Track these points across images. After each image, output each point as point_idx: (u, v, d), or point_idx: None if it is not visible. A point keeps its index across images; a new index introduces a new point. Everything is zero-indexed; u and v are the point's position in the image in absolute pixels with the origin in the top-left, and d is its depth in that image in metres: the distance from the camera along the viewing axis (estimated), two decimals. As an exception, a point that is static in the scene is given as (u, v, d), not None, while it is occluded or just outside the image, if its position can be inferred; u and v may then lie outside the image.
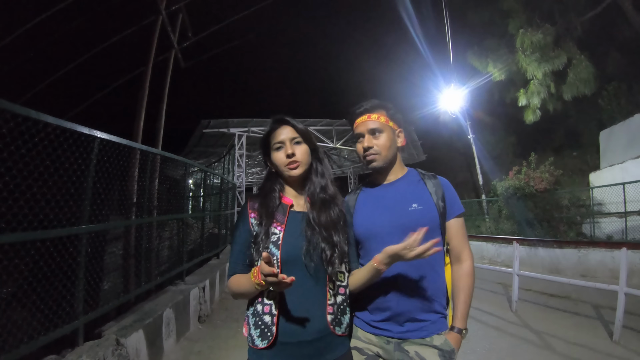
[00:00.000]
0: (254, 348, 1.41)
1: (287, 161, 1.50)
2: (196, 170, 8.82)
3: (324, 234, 1.46)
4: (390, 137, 1.64)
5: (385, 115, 1.65)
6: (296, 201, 1.55)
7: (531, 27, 13.77)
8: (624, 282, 4.37)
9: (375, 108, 1.65)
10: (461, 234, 1.65)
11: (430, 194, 1.61)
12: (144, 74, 6.83)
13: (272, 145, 1.53)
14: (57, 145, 2.86)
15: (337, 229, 1.50)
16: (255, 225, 1.48)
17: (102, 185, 3.51)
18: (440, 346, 1.50)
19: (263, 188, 1.59)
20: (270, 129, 1.55)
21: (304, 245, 1.43)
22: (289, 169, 1.50)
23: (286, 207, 1.51)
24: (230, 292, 1.52)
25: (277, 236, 1.44)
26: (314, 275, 1.41)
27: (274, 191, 1.54)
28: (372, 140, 1.62)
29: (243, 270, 1.47)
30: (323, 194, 1.56)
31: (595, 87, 13.55)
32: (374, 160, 1.63)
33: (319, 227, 1.47)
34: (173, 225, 6.05)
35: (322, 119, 19.18)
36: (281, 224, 1.47)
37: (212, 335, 4.92)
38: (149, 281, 4.62)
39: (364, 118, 1.65)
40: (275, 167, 1.56)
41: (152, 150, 4.82)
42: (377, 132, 1.62)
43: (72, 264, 3.08)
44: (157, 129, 7.29)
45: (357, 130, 1.67)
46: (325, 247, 1.44)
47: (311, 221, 1.49)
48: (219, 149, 20.02)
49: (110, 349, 3.02)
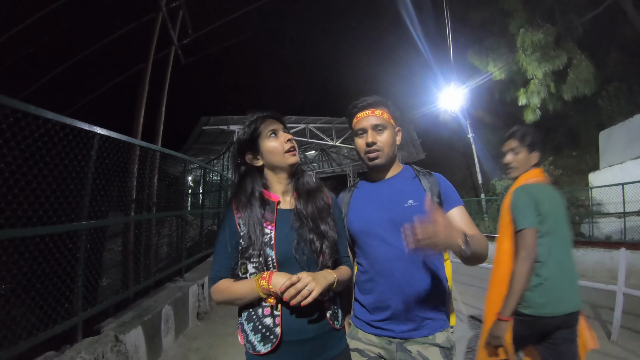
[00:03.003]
0: (255, 355, 1.35)
1: (287, 147, 1.49)
2: (195, 167, 8.81)
3: (311, 225, 1.44)
4: (392, 134, 1.61)
5: (388, 112, 1.62)
6: (283, 198, 1.52)
7: (532, 27, 13.77)
8: (622, 282, 4.37)
9: (378, 104, 1.62)
10: (466, 220, 1.55)
11: (425, 190, 1.57)
12: (144, 70, 6.83)
13: (264, 133, 1.49)
14: (57, 141, 2.85)
15: (324, 218, 1.48)
16: (242, 225, 1.43)
17: (101, 182, 3.51)
18: (442, 344, 1.48)
19: (243, 186, 1.51)
20: (259, 121, 1.51)
21: (294, 239, 1.40)
22: (290, 155, 1.49)
23: (274, 205, 1.47)
24: (216, 298, 1.43)
25: (268, 236, 1.40)
26: (307, 271, 1.39)
27: (256, 189, 1.49)
28: (375, 136, 1.58)
29: (229, 275, 1.43)
30: (308, 185, 1.55)
31: (595, 87, 13.55)
32: (377, 158, 1.59)
33: (306, 218, 1.45)
34: (172, 222, 6.04)
35: (322, 116, 19.15)
36: (271, 223, 1.43)
37: (210, 333, 4.92)
38: (147, 278, 4.63)
39: (367, 113, 1.60)
40: (269, 158, 1.50)
41: (152, 146, 4.82)
42: (380, 128, 1.59)
43: (71, 260, 3.08)
44: (157, 126, 7.29)
45: (359, 125, 1.61)
46: (314, 238, 1.42)
47: (298, 213, 1.46)
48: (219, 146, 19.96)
49: (109, 346, 3.02)
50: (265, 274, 1.32)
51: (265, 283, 1.30)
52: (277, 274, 1.32)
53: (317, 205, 1.49)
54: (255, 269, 1.38)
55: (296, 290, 1.23)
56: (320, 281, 1.29)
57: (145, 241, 4.73)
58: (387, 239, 1.53)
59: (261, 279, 1.31)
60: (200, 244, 7.38)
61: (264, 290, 1.30)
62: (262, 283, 1.30)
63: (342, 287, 1.52)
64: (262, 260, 1.37)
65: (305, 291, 1.23)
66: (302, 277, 1.25)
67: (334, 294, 1.50)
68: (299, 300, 1.22)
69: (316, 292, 1.25)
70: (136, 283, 4.31)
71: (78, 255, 3.13)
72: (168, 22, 7.97)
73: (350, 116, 1.67)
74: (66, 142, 2.94)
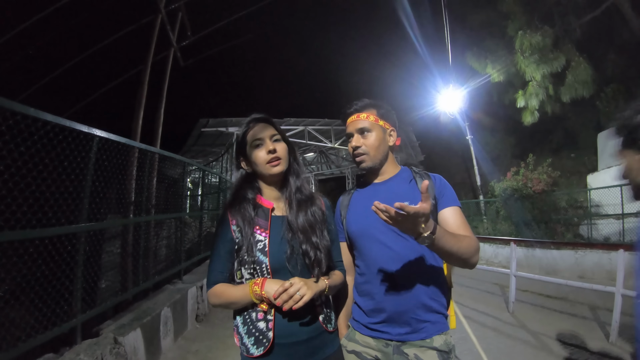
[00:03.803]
0: (249, 357, 1.37)
1: (268, 157, 1.45)
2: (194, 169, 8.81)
3: (301, 238, 1.44)
4: (379, 136, 1.61)
5: (375, 115, 1.62)
6: (277, 204, 1.52)
7: (530, 29, 13.79)
8: (620, 283, 4.38)
9: (365, 107, 1.64)
10: (459, 221, 1.51)
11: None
12: (143, 72, 6.83)
13: (251, 143, 1.48)
14: (56, 144, 2.85)
15: (315, 230, 1.48)
16: (237, 232, 1.43)
17: (100, 184, 3.51)
18: (440, 347, 1.47)
19: (238, 192, 1.52)
20: (248, 128, 1.51)
21: (287, 250, 1.41)
22: (271, 166, 1.46)
23: (267, 211, 1.47)
24: (212, 302, 1.45)
25: (262, 243, 1.41)
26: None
27: (249, 197, 1.49)
28: (360, 140, 1.61)
29: (225, 279, 1.45)
30: (299, 195, 1.54)
31: (594, 89, 13.56)
32: (363, 161, 1.62)
33: (297, 230, 1.45)
34: (171, 224, 6.04)
35: (321, 118, 19.15)
36: (265, 230, 1.43)
37: (209, 335, 4.92)
38: (146, 280, 4.62)
39: (353, 118, 1.64)
40: (254, 167, 1.50)
41: (151, 148, 4.82)
42: (365, 131, 1.60)
43: (70, 263, 3.08)
44: (156, 128, 7.29)
45: (347, 130, 1.66)
46: (308, 249, 1.42)
47: (290, 223, 1.47)
48: (217, 148, 19.95)
49: (108, 348, 3.02)
50: (258, 280, 1.34)
51: (258, 289, 1.32)
52: (270, 281, 1.34)
53: (309, 217, 1.50)
54: (250, 275, 1.40)
55: (288, 296, 1.25)
56: (312, 287, 1.32)
57: (144, 243, 4.72)
58: (384, 241, 1.52)
59: (254, 285, 1.33)
60: (199, 246, 7.37)
61: (257, 296, 1.33)
62: (255, 289, 1.33)
63: (334, 292, 1.54)
64: (257, 267, 1.39)
65: (297, 296, 1.26)
66: (295, 283, 1.28)
67: (327, 298, 1.51)
68: (291, 305, 1.25)
69: (307, 297, 1.27)
70: (135, 285, 4.31)
71: (77, 258, 3.13)
72: (167, 24, 7.98)
73: (343, 122, 1.71)
74: (65, 144, 2.94)
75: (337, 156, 25.38)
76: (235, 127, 17.23)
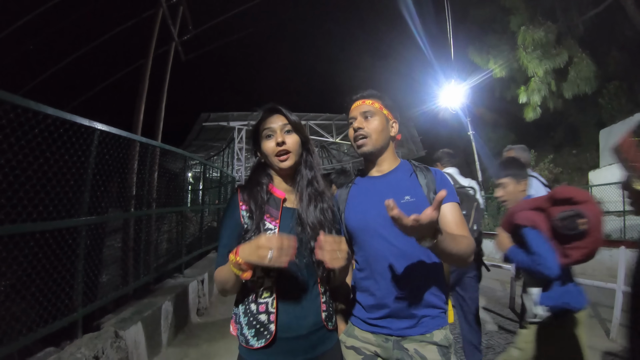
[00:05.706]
0: (248, 348, 1.36)
1: (276, 150, 1.43)
2: (195, 164, 8.81)
3: (311, 234, 1.42)
4: (382, 122, 1.60)
5: (380, 103, 1.62)
6: (288, 196, 1.49)
7: (533, 25, 13.76)
8: (621, 280, 4.38)
9: (371, 95, 1.64)
10: (456, 218, 1.51)
11: (422, 186, 1.54)
12: (144, 66, 6.82)
13: (262, 133, 1.47)
14: (57, 137, 2.85)
15: (324, 227, 1.46)
16: (246, 217, 1.41)
17: (101, 178, 3.51)
18: (440, 342, 1.46)
19: (252, 179, 1.51)
20: (261, 117, 1.48)
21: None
22: (279, 160, 1.44)
23: (279, 202, 1.45)
24: (216, 286, 1.43)
25: (272, 232, 1.37)
26: (306, 273, 1.40)
27: (263, 183, 1.47)
28: (362, 122, 1.59)
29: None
30: (311, 188, 1.51)
31: (596, 85, 13.55)
32: (364, 145, 1.59)
33: (307, 225, 1.44)
34: (172, 218, 6.05)
35: (322, 113, 19.10)
36: (275, 219, 1.41)
37: (210, 329, 4.92)
38: (147, 274, 4.63)
39: (359, 103, 1.64)
40: (265, 157, 1.49)
41: (152, 142, 4.81)
42: (369, 115, 1.60)
43: (71, 256, 3.08)
44: (157, 122, 7.28)
45: (351, 114, 1.65)
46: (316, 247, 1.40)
47: (300, 217, 1.45)
48: (219, 142, 19.96)
49: (109, 342, 3.02)
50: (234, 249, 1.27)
51: (233, 257, 1.25)
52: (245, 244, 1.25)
53: (319, 213, 1.48)
54: None
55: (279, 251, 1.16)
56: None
57: (145, 237, 4.73)
58: (384, 235, 1.50)
59: (231, 254, 1.26)
60: (200, 240, 7.38)
61: (236, 265, 1.24)
62: (231, 257, 1.26)
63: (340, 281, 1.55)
64: None
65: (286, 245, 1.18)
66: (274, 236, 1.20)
67: (330, 295, 1.50)
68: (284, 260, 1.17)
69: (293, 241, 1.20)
70: (136, 279, 4.31)
71: (78, 251, 3.14)
72: (168, 18, 7.95)
73: (346, 110, 1.70)
74: (66, 137, 2.94)
75: (338, 151, 25.39)
76: (237, 122, 17.22)
